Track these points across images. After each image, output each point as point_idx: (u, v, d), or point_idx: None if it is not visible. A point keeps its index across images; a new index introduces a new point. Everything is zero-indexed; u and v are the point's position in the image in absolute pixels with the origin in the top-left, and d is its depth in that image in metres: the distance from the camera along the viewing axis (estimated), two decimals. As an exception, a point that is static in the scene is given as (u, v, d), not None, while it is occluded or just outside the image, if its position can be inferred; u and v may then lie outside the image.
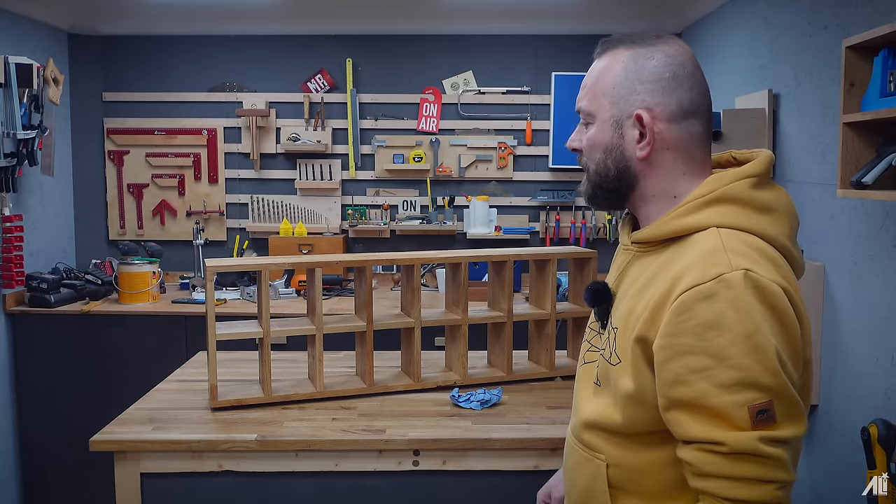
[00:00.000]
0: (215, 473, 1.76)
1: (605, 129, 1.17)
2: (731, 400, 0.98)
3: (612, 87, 1.15)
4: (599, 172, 1.19)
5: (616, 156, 1.16)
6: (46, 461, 3.48)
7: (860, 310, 2.07)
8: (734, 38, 3.11)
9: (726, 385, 0.98)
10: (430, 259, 2.14)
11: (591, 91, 1.19)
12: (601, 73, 1.18)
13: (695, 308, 1.00)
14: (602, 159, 1.18)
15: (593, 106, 1.18)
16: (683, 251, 1.09)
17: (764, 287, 1.00)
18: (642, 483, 1.15)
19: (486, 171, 4.08)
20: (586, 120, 1.20)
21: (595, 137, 1.18)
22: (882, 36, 1.68)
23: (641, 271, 1.16)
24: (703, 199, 1.10)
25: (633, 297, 1.14)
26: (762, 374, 0.98)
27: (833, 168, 2.19)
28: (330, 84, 4.04)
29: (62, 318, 3.40)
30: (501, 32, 4.02)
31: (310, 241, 3.90)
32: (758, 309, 0.99)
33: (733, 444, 0.98)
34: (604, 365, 1.18)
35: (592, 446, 1.20)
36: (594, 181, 1.20)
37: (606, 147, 1.17)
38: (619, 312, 1.17)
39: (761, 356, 0.98)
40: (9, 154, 3.19)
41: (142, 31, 4.01)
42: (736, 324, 0.98)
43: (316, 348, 2.03)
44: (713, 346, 0.99)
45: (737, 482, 0.99)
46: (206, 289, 1.89)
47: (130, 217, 4.09)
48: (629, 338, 1.10)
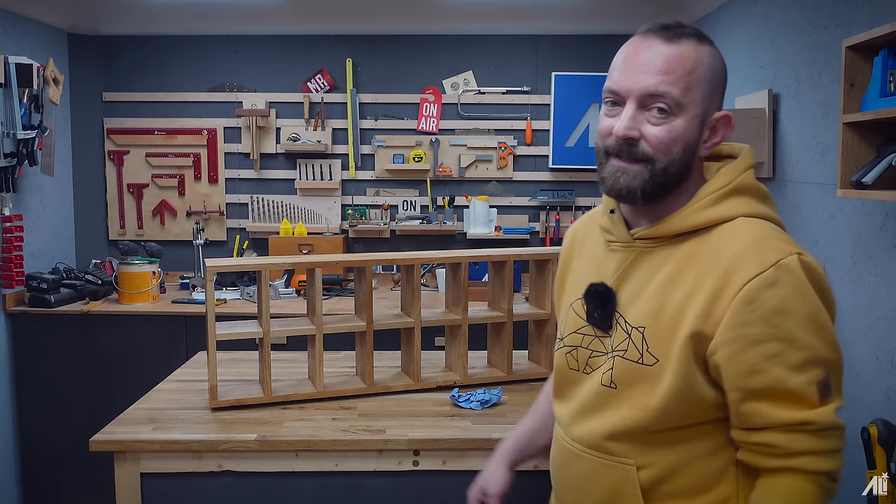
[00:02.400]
0: (215, 473, 1.76)
1: (694, 124, 1.11)
2: (803, 379, 1.03)
3: (703, 82, 1.11)
4: (670, 169, 1.11)
5: (689, 153, 1.12)
6: (46, 461, 3.48)
7: (860, 310, 2.07)
8: (734, 38, 3.11)
9: (797, 366, 1.03)
10: (430, 259, 2.14)
11: (682, 79, 1.09)
12: (690, 64, 1.10)
13: (761, 297, 1.03)
14: (680, 154, 1.11)
15: (685, 97, 1.09)
16: (714, 242, 1.09)
17: (814, 269, 1.06)
18: (676, 480, 1.14)
19: (486, 171, 4.08)
20: (670, 110, 1.09)
21: (682, 131, 1.10)
22: (882, 36, 1.68)
23: (656, 267, 1.14)
24: (721, 190, 1.12)
25: (656, 294, 1.12)
26: (825, 350, 1.04)
27: (833, 168, 2.19)
28: (330, 84, 4.04)
29: (62, 318, 3.40)
30: (501, 32, 4.02)
31: (310, 241, 3.90)
32: (812, 290, 1.04)
33: (821, 422, 1.03)
34: (626, 367, 1.14)
35: (616, 452, 1.16)
36: (660, 179, 1.11)
37: (688, 143, 1.11)
38: (639, 311, 1.14)
39: (824, 334, 1.04)
40: (9, 154, 3.19)
41: (142, 31, 4.01)
42: (800, 306, 1.03)
43: (316, 348, 2.03)
44: (782, 330, 1.02)
45: (823, 456, 1.04)
46: (206, 289, 1.89)
47: (130, 217, 4.09)
48: (671, 335, 1.09)
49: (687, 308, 1.08)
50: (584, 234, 1.35)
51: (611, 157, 1.13)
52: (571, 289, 1.30)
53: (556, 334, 1.33)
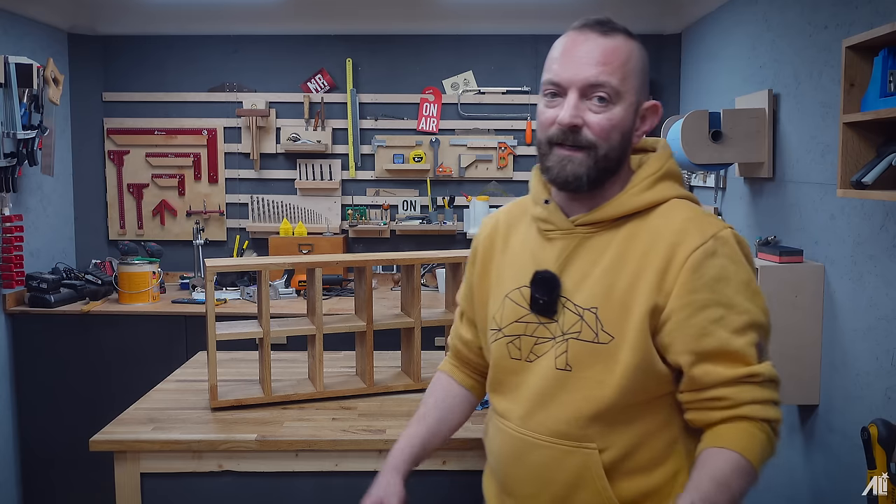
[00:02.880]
0: (215, 473, 1.76)
1: (630, 112, 1.18)
2: (744, 342, 1.12)
3: (636, 72, 1.18)
4: (611, 155, 1.17)
5: (627, 140, 1.19)
6: (46, 461, 3.48)
7: (860, 310, 2.07)
8: (734, 38, 3.11)
9: (738, 329, 1.12)
10: (429, 259, 2.14)
11: (619, 69, 1.15)
12: (624, 55, 1.17)
13: (705, 265, 1.12)
14: (618, 142, 1.18)
15: (624, 86, 1.16)
16: (654, 222, 1.18)
17: (743, 242, 1.18)
18: (635, 457, 1.19)
19: (486, 171, 4.08)
20: (610, 98, 1.15)
21: (621, 119, 1.16)
22: (882, 36, 1.68)
23: (599, 251, 1.19)
24: (654, 176, 1.21)
25: (603, 275, 1.17)
26: (759, 315, 1.14)
27: (833, 168, 2.19)
28: (330, 84, 4.04)
29: (62, 318, 3.40)
30: (501, 32, 4.02)
31: (310, 241, 3.89)
32: (745, 260, 1.16)
33: (765, 374, 1.12)
34: (581, 347, 1.17)
35: (579, 437, 1.18)
36: (602, 164, 1.17)
37: (625, 130, 1.19)
38: (588, 293, 1.18)
39: (758, 300, 1.15)
40: (9, 154, 3.19)
41: (142, 31, 4.01)
42: (736, 274, 1.13)
43: (316, 348, 2.03)
44: (723, 296, 1.12)
45: (767, 405, 1.13)
46: (206, 289, 1.89)
47: (130, 217, 4.09)
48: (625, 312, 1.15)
49: (637, 285, 1.15)
50: (507, 226, 1.37)
51: (554, 147, 1.19)
52: (503, 280, 1.31)
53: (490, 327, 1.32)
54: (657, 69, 3.98)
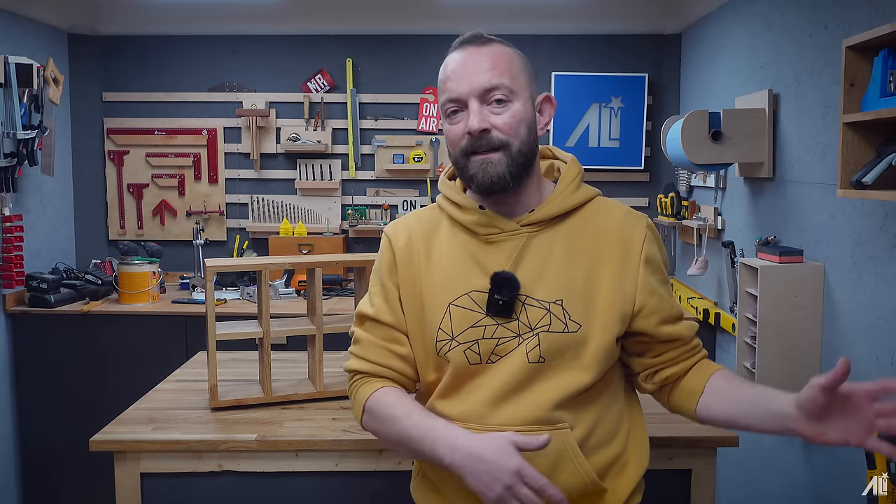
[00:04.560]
0: (215, 473, 1.76)
1: (528, 106, 1.27)
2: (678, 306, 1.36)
3: (523, 70, 1.29)
4: (524, 150, 1.25)
5: (532, 133, 1.28)
6: (46, 461, 3.48)
7: (860, 310, 2.07)
8: (734, 38, 3.11)
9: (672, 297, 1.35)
10: (430, 259, 2.14)
11: (507, 70, 1.25)
12: (508, 57, 1.27)
13: (650, 251, 1.31)
14: (526, 135, 1.26)
15: (516, 84, 1.25)
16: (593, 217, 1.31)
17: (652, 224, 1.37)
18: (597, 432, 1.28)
19: (486, 171, 4.07)
20: (506, 97, 1.24)
21: (521, 113, 1.25)
22: (882, 36, 1.68)
23: (547, 247, 1.28)
24: (577, 178, 1.34)
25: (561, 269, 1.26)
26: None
27: (833, 168, 2.19)
28: (330, 84, 4.04)
29: (62, 318, 3.40)
30: (501, 32, 3.99)
31: (310, 241, 3.90)
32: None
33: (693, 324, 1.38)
34: (553, 339, 1.24)
35: (556, 420, 1.24)
36: (518, 160, 1.25)
37: (529, 124, 1.27)
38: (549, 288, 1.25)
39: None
40: (9, 154, 3.19)
41: (142, 31, 4.01)
42: (661, 254, 1.35)
43: (316, 348, 2.03)
44: (662, 273, 1.34)
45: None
46: (206, 289, 1.89)
47: (130, 217, 4.09)
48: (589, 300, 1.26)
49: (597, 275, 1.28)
50: (423, 237, 1.34)
51: (470, 156, 1.25)
52: (436, 291, 1.29)
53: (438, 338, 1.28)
54: (657, 69, 3.98)
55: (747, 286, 2.43)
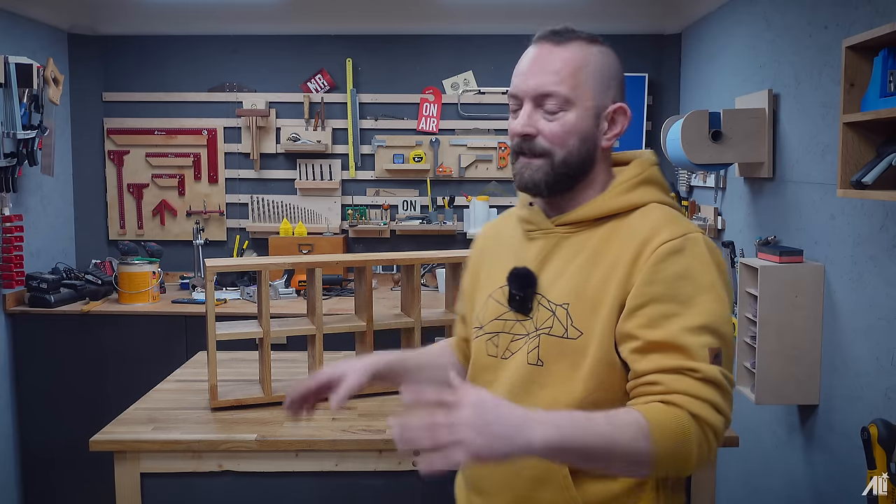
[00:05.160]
0: (215, 473, 1.76)
1: (587, 117, 1.21)
2: (696, 341, 1.08)
3: (593, 77, 1.21)
4: (570, 161, 1.21)
5: (590, 144, 1.22)
6: (46, 461, 3.48)
7: (860, 310, 2.07)
8: (734, 38, 3.11)
9: (692, 328, 1.09)
10: (430, 259, 2.14)
11: (570, 76, 1.20)
12: (579, 62, 1.21)
13: (667, 260, 1.13)
14: (577, 146, 1.21)
15: (574, 93, 1.20)
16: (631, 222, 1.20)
17: (715, 249, 1.18)
18: None
19: (486, 171, 4.08)
20: (560, 107, 1.20)
21: (575, 124, 1.20)
22: (882, 36, 1.68)
23: (576, 249, 1.22)
24: (634, 179, 1.24)
25: (578, 272, 1.20)
26: (720, 323, 1.11)
27: (833, 168, 2.19)
28: (330, 84, 4.04)
29: (62, 318, 3.40)
30: (501, 32, 4.02)
31: (310, 241, 3.90)
32: (715, 266, 1.15)
33: (705, 372, 1.07)
34: (551, 342, 1.19)
35: None
36: (560, 169, 1.22)
37: (584, 135, 1.21)
38: (561, 290, 1.21)
39: (720, 307, 1.12)
40: (9, 154, 3.19)
41: (142, 31, 4.01)
42: (701, 276, 1.13)
43: (316, 348, 2.03)
44: (682, 294, 1.11)
45: (702, 402, 1.06)
46: (206, 289, 1.89)
47: (130, 217, 4.09)
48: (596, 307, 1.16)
49: (609, 281, 1.17)
50: (496, 233, 1.42)
51: (518, 156, 1.24)
52: (488, 282, 1.35)
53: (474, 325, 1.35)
54: (657, 69, 3.98)
55: (747, 286, 2.43)
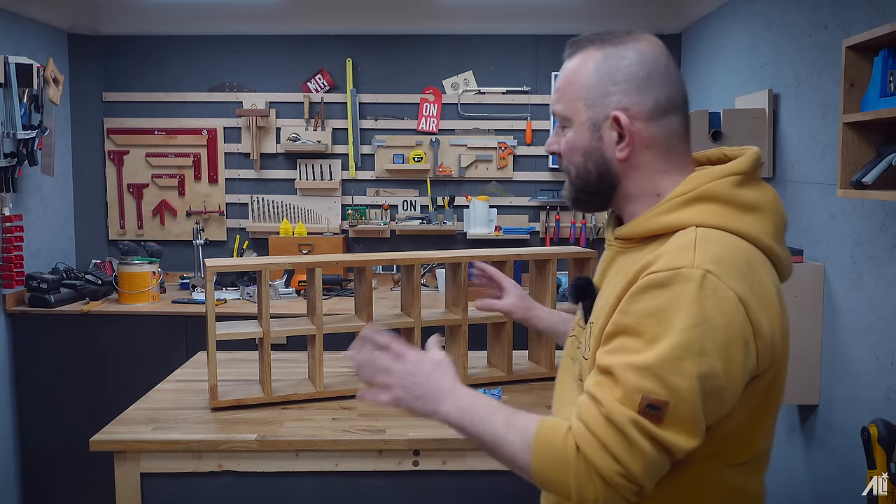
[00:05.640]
0: (215, 473, 1.76)
1: (583, 132, 1.15)
2: (632, 381, 0.98)
3: (585, 90, 1.13)
4: (581, 176, 1.17)
5: (596, 158, 1.15)
6: (46, 461, 3.48)
7: (860, 310, 2.07)
8: (734, 38, 3.11)
9: (636, 367, 0.98)
10: (430, 259, 2.14)
11: (564, 94, 1.16)
12: (573, 75, 1.16)
13: (646, 293, 1.01)
14: (583, 163, 1.16)
15: (568, 109, 1.16)
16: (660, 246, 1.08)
17: (719, 291, 0.99)
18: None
19: (486, 171, 4.08)
20: (562, 123, 1.18)
21: (573, 141, 1.16)
22: (882, 36, 1.68)
23: (621, 267, 1.15)
24: (684, 196, 1.09)
25: (608, 292, 1.14)
26: (674, 372, 0.97)
27: (833, 168, 2.19)
28: (330, 84, 4.04)
29: (62, 318, 3.40)
30: (501, 32, 4.02)
31: (310, 241, 3.90)
32: (704, 311, 0.98)
33: (607, 409, 0.99)
34: (582, 361, 1.18)
35: None
36: (576, 185, 1.19)
37: (585, 150, 1.15)
38: (597, 308, 1.17)
39: (683, 355, 0.97)
40: (9, 154, 3.19)
41: (142, 31, 4.01)
42: (675, 318, 0.98)
43: (316, 348, 2.03)
44: (648, 333, 0.99)
45: (595, 440, 0.99)
46: (206, 289, 1.89)
47: (130, 217, 4.09)
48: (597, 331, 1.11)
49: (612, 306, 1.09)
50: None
51: None
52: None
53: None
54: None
55: (747, 286, 2.43)
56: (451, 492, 1.79)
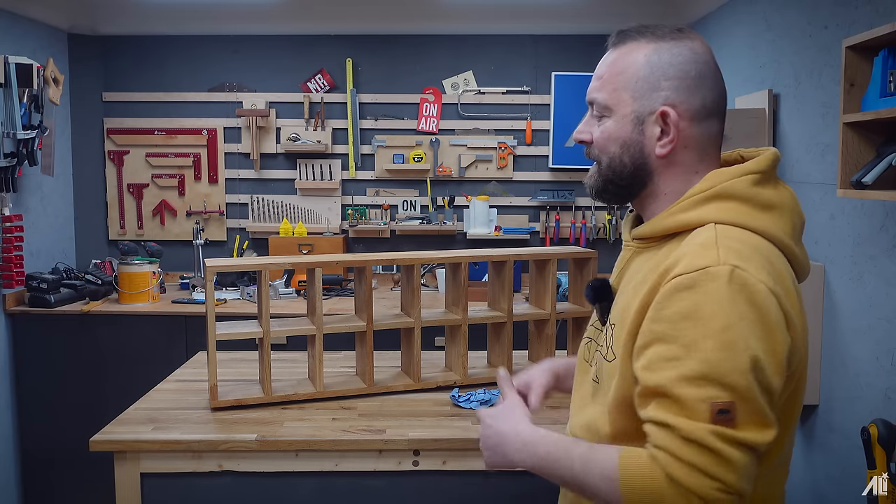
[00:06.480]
0: (215, 473, 1.76)
1: (625, 123, 1.13)
2: (693, 393, 0.96)
3: (634, 81, 1.12)
4: (614, 167, 1.15)
5: (634, 152, 1.13)
6: (46, 461, 3.48)
7: (860, 310, 2.07)
8: (734, 38, 3.11)
9: (690, 377, 0.96)
10: (430, 259, 2.14)
11: (609, 83, 1.14)
12: (621, 65, 1.13)
13: (675, 297, 1.00)
14: (618, 154, 1.14)
15: (612, 99, 1.13)
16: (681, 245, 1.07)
17: (750, 285, 0.98)
18: None
19: (486, 171, 4.08)
20: (601, 112, 1.15)
21: (612, 131, 1.14)
22: (882, 36, 1.68)
23: (640, 267, 1.15)
24: (702, 194, 1.09)
25: (630, 292, 1.13)
26: (729, 372, 0.96)
27: (833, 168, 2.19)
28: (330, 84, 4.04)
29: (62, 318, 3.40)
30: (501, 32, 4.02)
31: (310, 241, 3.90)
32: (739, 307, 0.97)
33: (686, 431, 0.95)
34: (601, 362, 1.16)
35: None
36: (606, 176, 1.16)
37: (625, 142, 1.13)
38: (617, 308, 1.16)
39: (731, 354, 0.96)
40: (9, 154, 3.19)
41: (142, 31, 4.01)
42: (712, 318, 0.97)
43: (316, 348, 2.03)
44: (685, 336, 0.98)
45: (682, 464, 0.95)
46: (206, 289, 1.89)
47: (130, 217, 4.09)
48: (624, 334, 1.09)
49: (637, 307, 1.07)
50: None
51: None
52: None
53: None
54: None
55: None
56: (451, 492, 1.79)
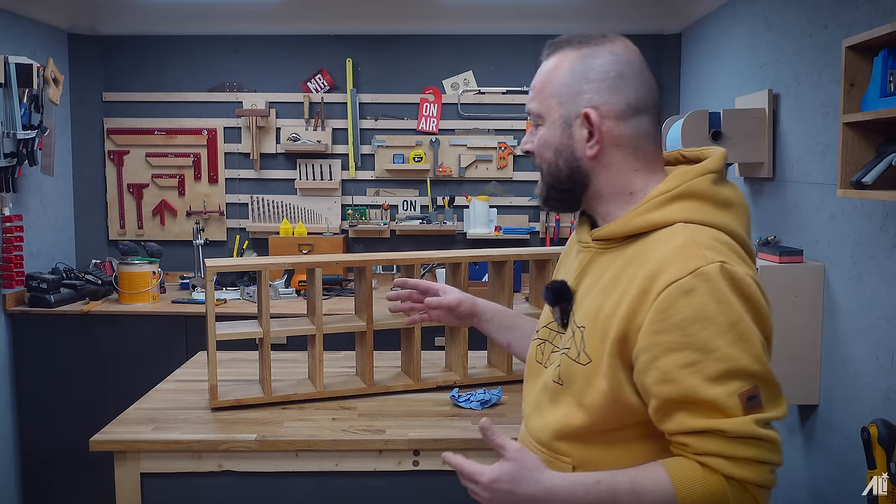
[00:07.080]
0: (215, 473, 1.76)
1: (555, 129, 1.18)
2: (721, 391, 1.01)
3: (559, 88, 1.17)
4: (552, 173, 1.20)
5: (566, 155, 1.18)
6: (46, 461, 3.48)
7: (860, 310, 2.07)
8: (734, 38, 3.11)
9: (714, 377, 1.01)
10: (430, 259, 2.14)
11: (539, 92, 1.20)
12: (549, 74, 1.19)
13: (677, 304, 1.03)
14: (553, 159, 1.19)
15: (542, 107, 1.19)
16: (650, 246, 1.11)
17: (739, 278, 1.04)
18: None
19: (486, 171, 4.08)
20: (536, 121, 1.21)
21: (545, 138, 1.19)
22: (882, 36, 1.68)
23: (604, 269, 1.17)
24: (667, 194, 1.13)
25: (598, 294, 1.15)
26: (748, 362, 1.02)
27: (833, 168, 2.19)
28: (330, 84, 4.04)
29: (62, 318, 3.40)
30: (501, 32, 4.02)
31: (310, 241, 3.90)
32: (737, 299, 1.03)
33: (733, 430, 1.00)
34: (568, 364, 1.17)
35: (557, 450, 1.19)
36: (547, 182, 1.22)
37: (556, 147, 1.19)
38: (583, 311, 1.17)
39: (746, 345, 1.02)
40: (9, 154, 3.19)
41: (142, 31, 4.01)
42: (719, 315, 1.02)
43: (316, 348, 2.03)
44: (698, 339, 1.02)
45: (737, 462, 1.01)
46: (206, 289, 1.89)
47: (130, 217, 4.09)
48: (604, 337, 1.11)
49: (616, 311, 1.09)
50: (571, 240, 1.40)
51: None
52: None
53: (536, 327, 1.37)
54: (657, 69, 3.98)
55: (747, 286, 2.43)
56: (451, 492, 1.78)
